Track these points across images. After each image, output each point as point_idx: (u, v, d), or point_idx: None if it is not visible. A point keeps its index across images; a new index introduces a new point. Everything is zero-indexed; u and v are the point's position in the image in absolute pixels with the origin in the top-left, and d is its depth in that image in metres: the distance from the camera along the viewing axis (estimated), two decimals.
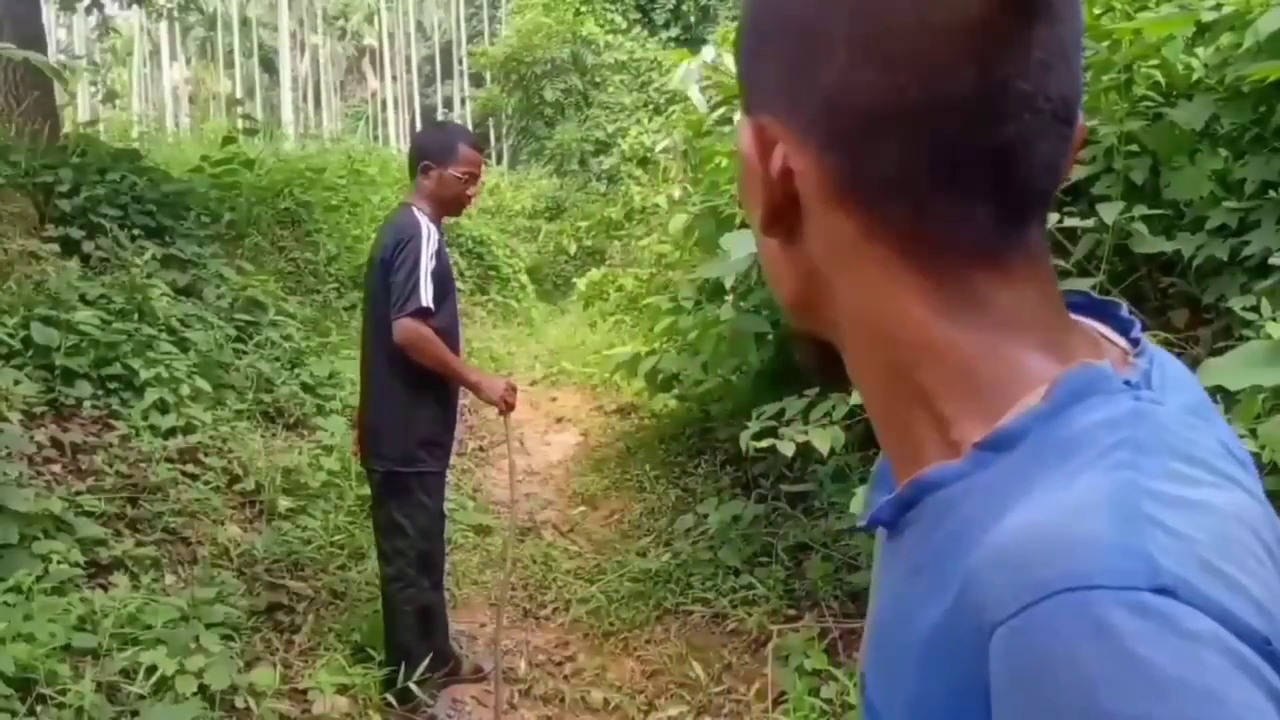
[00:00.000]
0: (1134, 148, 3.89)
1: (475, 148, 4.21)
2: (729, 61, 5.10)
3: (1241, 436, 2.73)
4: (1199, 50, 3.96)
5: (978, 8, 0.60)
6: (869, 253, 0.66)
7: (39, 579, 3.76)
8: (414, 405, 4.03)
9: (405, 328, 3.86)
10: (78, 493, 4.52)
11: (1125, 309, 0.71)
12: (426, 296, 3.86)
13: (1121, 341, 0.70)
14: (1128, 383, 0.63)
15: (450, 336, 4.07)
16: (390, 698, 3.98)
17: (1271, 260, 3.24)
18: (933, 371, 0.66)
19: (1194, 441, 0.60)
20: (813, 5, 0.66)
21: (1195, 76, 3.91)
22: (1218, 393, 2.88)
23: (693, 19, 22.13)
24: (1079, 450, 0.59)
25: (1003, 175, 0.63)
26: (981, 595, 0.55)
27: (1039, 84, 0.62)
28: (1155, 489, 0.55)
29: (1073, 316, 0.69)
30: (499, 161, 26.79)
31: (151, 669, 3.50)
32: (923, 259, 0.65)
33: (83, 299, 5.71)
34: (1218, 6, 3.84)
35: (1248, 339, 3.02)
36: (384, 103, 42.59)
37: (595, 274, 11.73)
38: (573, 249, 17.99)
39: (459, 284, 4.04)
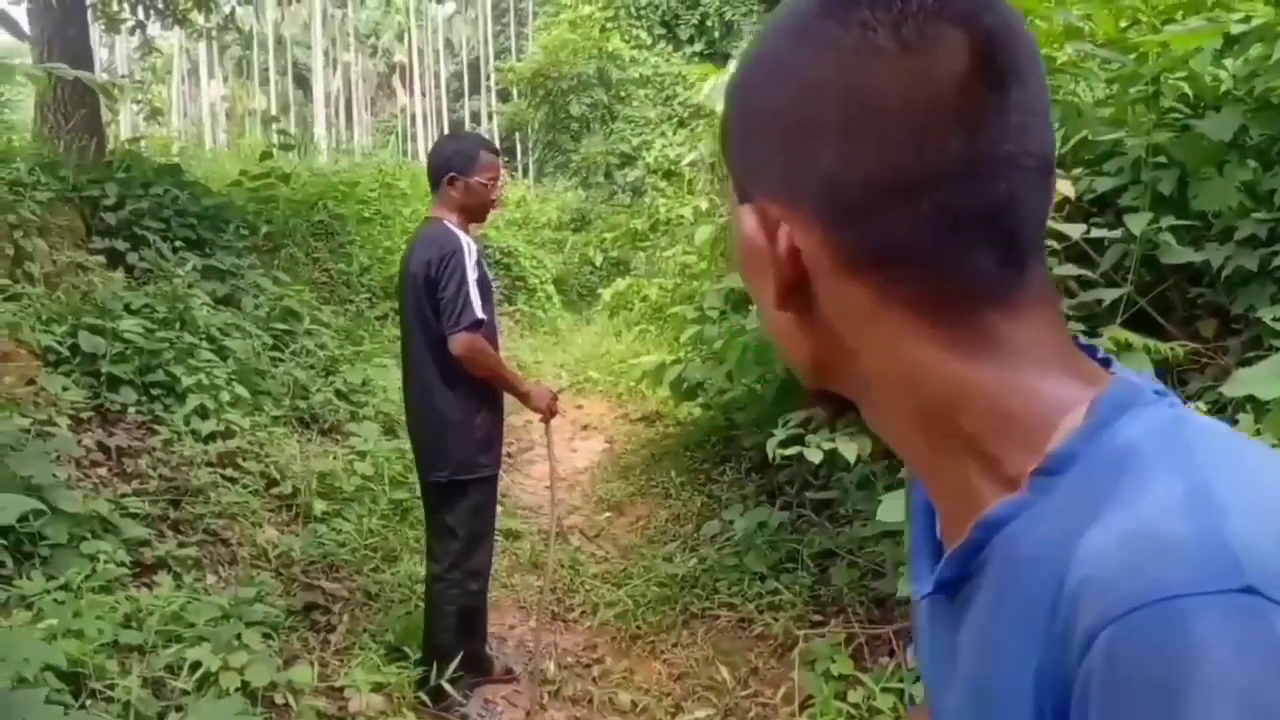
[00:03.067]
0: (1161, 159, 3.90)
1: (494, 152, 4.24)
2: None
3: (1275, 446, 2.78)
4: (1227, 62, 3.98)
5: (956, 82, 0.65)
6: (885, 314, 0.69)
7: (87, 577, 3.84)
8: (471, 412, 4.08)
9: (462, 342, 3.91)
10: (123, 495, 4.63)
11: (1100, 350, 0.74)
12: (478, 309, 3.91)
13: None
14: (1157, 391, 0.67)
15: (493, 344, 4.14)
16: (424, 696, 4.05)
17: None
18: (971, 415, 0.68)
19: (1233, 437, 0.64)
20: (799, 97, 0.70)
21: (1223, 88, 3.91)
22: (1248, 403, 2.94)
23: (717, 34, 22.20)
24: (1136, 459, 0.61)
25: (1000, 227, 0.67)
26: (1078, 610, 0.57)
27: (1021, 143, 0.67)
28: (1223, 483, 0.58)
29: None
30: (525, 174, 26.90)
31: (195, 665, 3.59)
32: (938, 311, 0.68)
33: (127, 308, 5.85)
34: (1246, 19, 3.87)
35: (1278, 349, 3.06)
36: (413, 118, 42.86)
37: (620, 284, 11.77)
38: (598, 260, 18.06)
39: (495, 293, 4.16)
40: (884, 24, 0.67)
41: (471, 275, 3.93)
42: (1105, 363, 0.73)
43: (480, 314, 3.92)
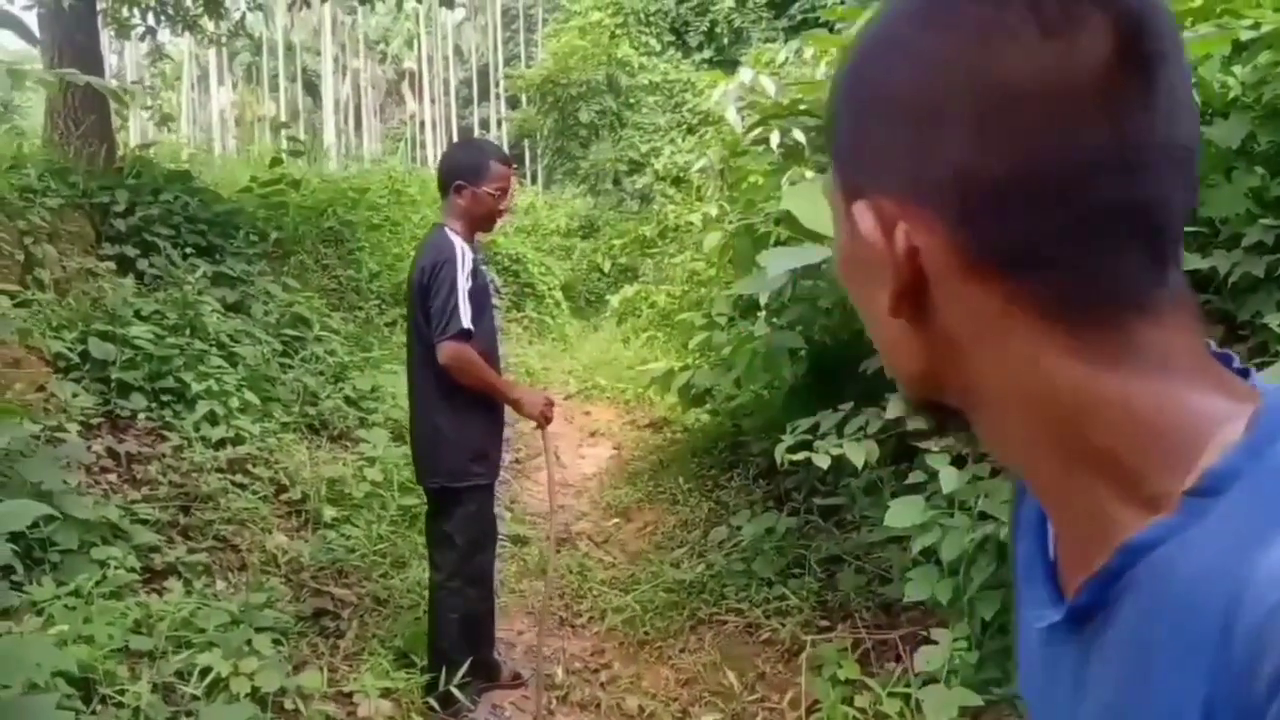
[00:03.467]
0: None
1: (505, 162, 4.26)
2: (765, 83, 5.20)
3: None
4: (1236, 69, 3.99)
5: (1100, 67, 0.60)
6: (1013, 321, 0.64)
7: (98, 583, 3.87)
8: (463, 421, 4.10)
9: (448, 351, 3.93)
10: (133, 501, 4.66)
11: (1235, 359, 0.68)
12: (466, 318, 3.93)
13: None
14: None
15: (490, 353, 4.15)
16: (432, 701, 4.07)
17: None
18: (1109, 430, 0.62)
19: None
20: (926, 82, 0.64)
21: (1232, 95, 3.91)
22: None
23: (726, 41, 22.25)
24: None
25: (1145, 225, 0.62)
26: (1267, 645, 0.51)
27: (1168, 132, 0.62)
28: None
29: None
30: (534, 181, 26.97)
31: (205, 671, 3.61)
32: (1074, 317, 0.63)
33: (137, 315, 5.88)
34: (1255, 25, 3.88)
35: None
36: (422, 124, 42.95)
37: (628, 291, 11.83)
38: (606, 266, 18.11)
39: (496, 301, 4.12)
40: (1021, 3, 0.62)
41: (463, 285, 3.94)
42: (1244, 373, 0.67)
43: (467, 324, 3.93)
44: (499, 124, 37.81)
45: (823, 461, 4.07)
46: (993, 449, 0.71)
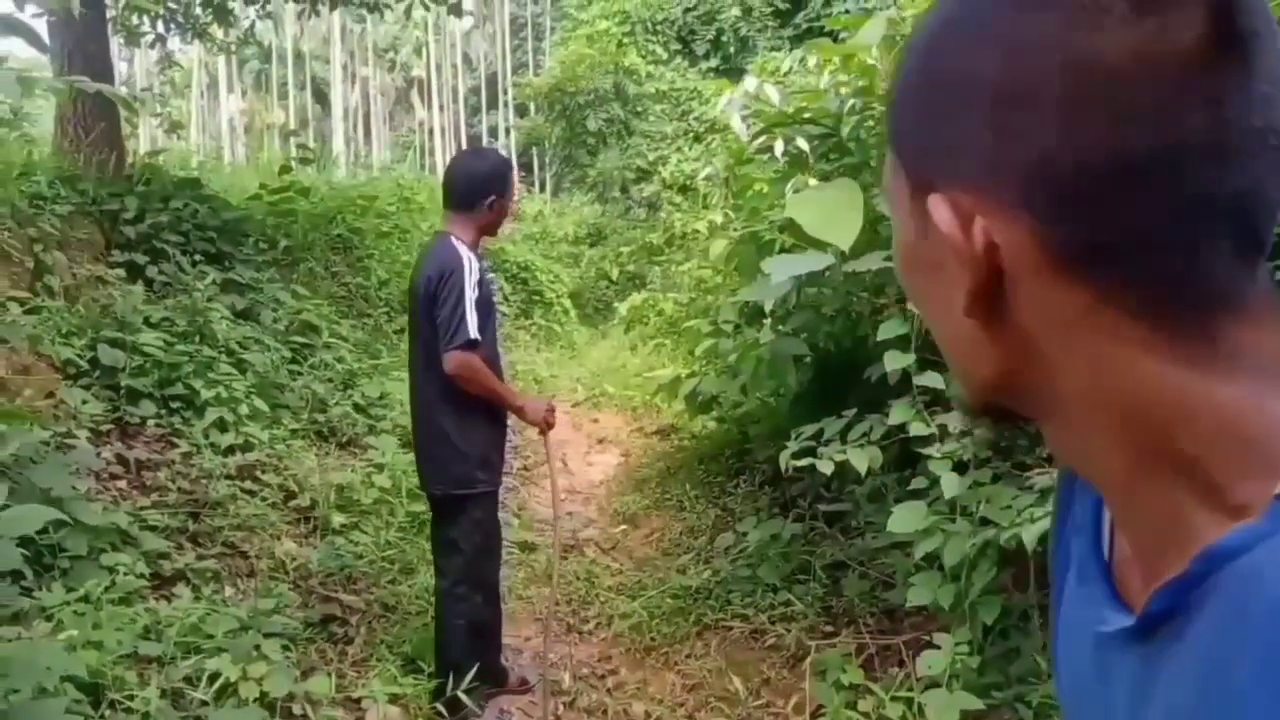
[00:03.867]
0: None
1: (514, 170, 4.34)
2: (769, 92, 5.22)
3: None
4: None
5: (1195, 48, 0.57)
6: (1100, 321, 0.60)
7: (107, 589, 3.90)
8: (467, 428, 4.12)
9: (456, 360, 3.96)
10: (142, 508, 4.68)
11: None
12: (473, 328, 3.95)
13: None
14: None
15: (493, 361, 4.18)
16: (440, 707, 4.09)
17: None
18: (1194, 436, 0.59)
19: None
20: (1008, 64, 0.60)
21: None
22: None
23: (732, 49, 22.29)
24: None
25: (1239, 218, 0.59)
26: None
27: (1267, 118, 0.58)
28: None
29: None
30: (542, 189, 27.04)
31: (214, 676, 3.63)
32: (1165, 317, 0.59)
33: (147, 322, 5.92)
34: None
35: None
36: (431, 132, 43.09)
37: (636, 298, 11.83)
38: (614, 274, 18.15)
39: (503, 308, 4.16)
40: None
41: (470, 294, 3.97)
42: None
43: (474, 334, 3.95)
44: (507, 132, 37.89)
45: (826, 468, 4.09)
46: (1066, 456, 0.68)
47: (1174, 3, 0.57)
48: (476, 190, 4.14)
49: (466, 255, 4.05)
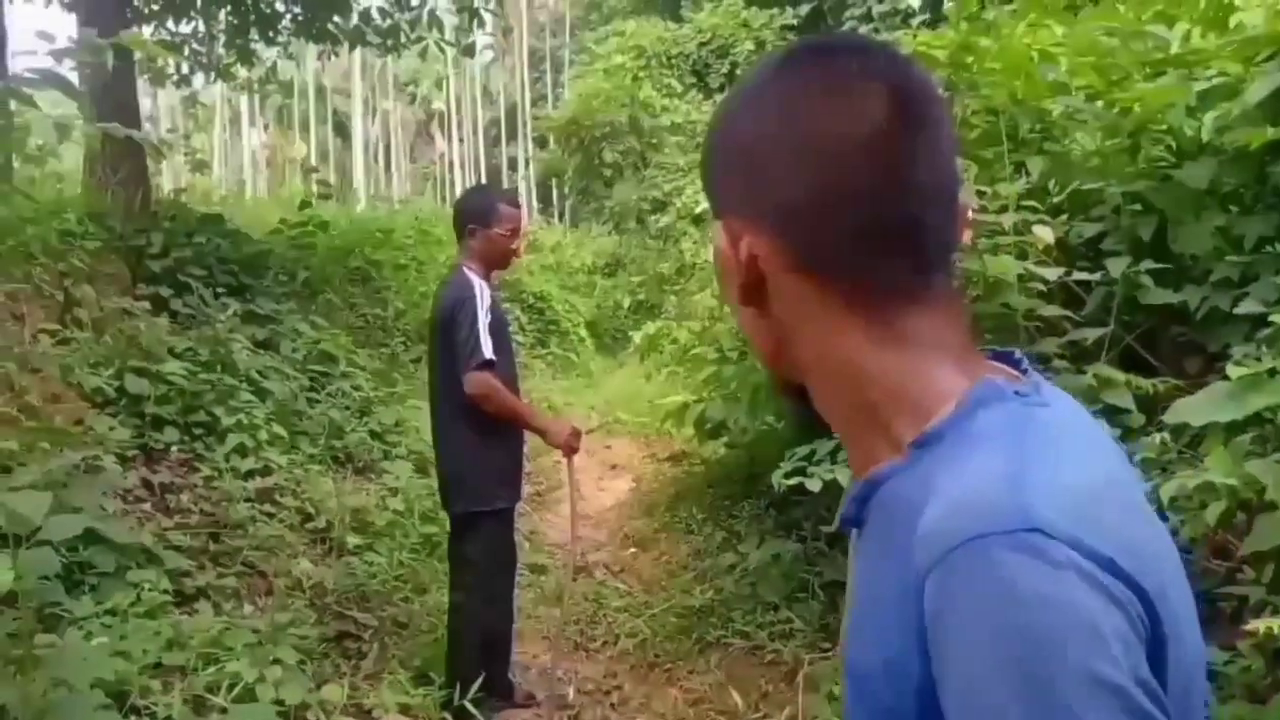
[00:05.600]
0: (1137, 206, 4.14)
1: (514, 204, 4.52)
2: None
3: (1215, 469, 2.95)
4: (1201, 115, 4.19)
5: (876, 124, 0.84)
6: (823, 309, 0.88)
7: (133, 603, 4.06)
8: (485, 448, 4.30)
9: (475, 381, 4.15)
10: (166, 528, 4.84)
11: (1018, 353, 0.93)
12: (488, 350, 4.15)
13: (1013, 371, 0.91)
14: (1018, 393, 0.83)
15: (510, 385, 4.36)
16: (448, 717, 4.23)
17: (1271, 316, 3.42)
18: (878, 392, 0.86)
19: (1073, 430, 0.83)
20: (758, 134, 0.89)
21: (1205, 138, 4.11)
22: (1184, 430, 3.12)
23: None
24: (984, 440, 0.78)
25: (912, 238, 0.85)
26: (919, 556, 0.73)
27: (929, 175, 0.85)
28: (1037, 458, 0.75)
29: (986, 359, 0.92)
30: (560, 219, 27.26)
31: (233, 685, 3.80)
32: (861, 307, 0.86)
33: (171, 352, 6.09)
34: (1219, 75, 4.09)
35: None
36: (451, 164, 43.44)
37: (651, 327, 11.94)
38: (629, 303, 18.30)
39: (520, 337, 4.32)
40: (817, 79, 0.88)
41: (483, 319, 4.17)
42: (1018, 364, 0.92)
43: (489, 354, 4.14)
44: (526, 163, 38.18)
45: (815, 485, 4.24)
46: (818, 409, 0.94)
47: (861, 95, 0.86)
48: (461, 223, 4.45)
49: (478, 283, 4.28)
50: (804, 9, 22.64)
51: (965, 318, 0.92)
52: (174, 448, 5.58)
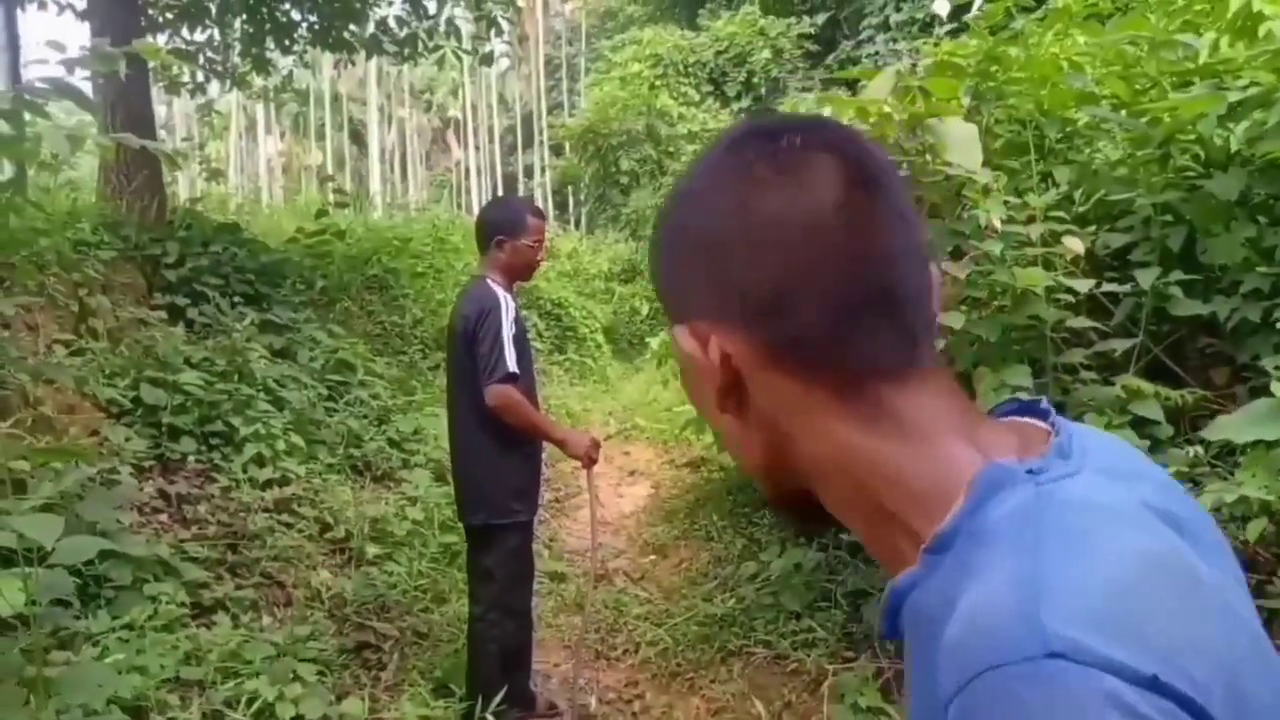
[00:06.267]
0: (1169, 217, 4.09)
1: (539, 216, 4.48)
2: None
3: (1257, 486, 2.91)
4: (1232, 125, 4.14)
5: (833, 195, 0.79)
6: (809, 401, 0.81)
7: (150, 617, 4.05)
8: (503, 460, 4.27)
9: (497, 394, 4.12)
10: (183, 540, 4.84)
11: (1044, 401, 0.86)
12: (512, 363, 4.12)
13: (1044, 425, 0.84)
14: (1031, 470, 0.75)
15: (530, 395, 4.33)
16: None
17: None
18: (885, 490, 0.79)
19: (1099, 503, 0.73)
20: (710, 226, 0.83)
21: (1234, 148, 4.06)
22: (1226, 446, 3.07)
23: (763, 90, 22.48)
24: (996, 539, 0.71)
25: (890, 309, 0.80)
26: (943, 679, 0.67)
27: (895, 238, 0.81)
28: (1053, 558, 0.67)
29: (1002, 417, 0.87)
30: (577, 226, 27.27)
31: (252, 699, 3.78)
32: (851, 392, 0.80)
33: (187, 362, 6.09)
34: (1250, 85, 4.04)
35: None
36: (467, 171, 43.47)
37: (668, 333, 11.92)
38: (645, 309, 18.29)
39: (538, 344, 4.30)
40: (764, 159, 0.82)
41: (507, 331, 4.14)
42: (1044, 414, 0.85)
43: (513, 368, 4.11)
44: (542, 171, 38.21)
45: None
46: (834, 513, 0.86)
47: (811, 168, 0.81)
48: (487, 234, 4.40)
49: (502, 295, 4.25)
50: (820, 17, 22.59)
51: (955, 384, 0.85)
52: (191, 458, 5.57)
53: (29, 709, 2.86)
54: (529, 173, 41.93)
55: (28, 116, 3.26)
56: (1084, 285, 3.84)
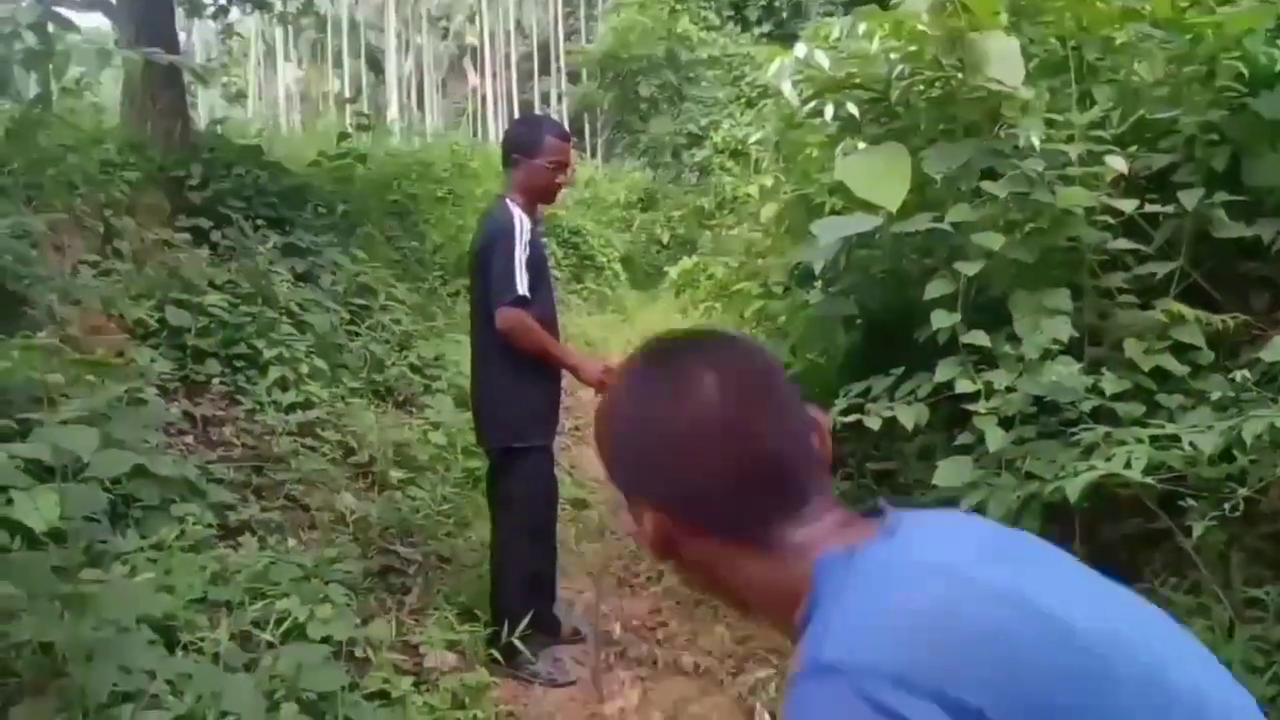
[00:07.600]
0: (1214, 137, 3.97)
1: (562, 137, 4.39)
2: (820, 57, 5.25)
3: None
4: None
5: (716, 401, 1.06)
6: (725, 549, 1.09)
7: (177, 538, 4.02)
8: (520, 384, 4.23)
9: (505, 316, 4.08)
10: (209, 462, 4.82)
11: (882, 502, 1.12)
12: (522, 285, 4.06)
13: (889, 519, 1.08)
14: (852, 548, 1.00)
15: (548, 322, 4.28)
16: (495, 653, 4.21)
17: None
18: (783, 602, 1.05)
19: (902, 566, 0.97)
20: (627, 432, 1.13)
21: (1279, 68, 3.96)
22: (1267, 373, 3.00)
23: (785, 15, 22.17)
24: (819, 604, 0.98)
25: (780, 474, 1.06)
26: None
27: (769, 424, 1.07)
28: (845, 613, 0.93)
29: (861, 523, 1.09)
30: (594, 155, 27.04)
31: (280, 620, 3.77)
32: (751, 541, 1.07)
33: (212, 284, 6.07)
34: None
35: None
36: (484, 99, 43.08)
37: (687, 262, 11.84)
38: (665, 238, 18.20)
39: (556, 272, 4.25)
40: (660, 378, 1.11)
41: (520, 254, 4.07)
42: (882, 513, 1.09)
43: (523, 290, 4.06)
44: (559, 98, 37.83)
45: (874, 424, 4.12)
46: (759, 619, 1.17)
47: (696, 381, 1.07)
48: (507, 150, 4.34)
49: (518, 215, 4.17)
50: None
51: (845, 517, 1.08)
52: (215, 380, 5.56)
53: (65, 623, 2.85)
54: (546, 100, 41.52)
55: (53, 29, 3.19)
56: (1128, 205, 3.74)
